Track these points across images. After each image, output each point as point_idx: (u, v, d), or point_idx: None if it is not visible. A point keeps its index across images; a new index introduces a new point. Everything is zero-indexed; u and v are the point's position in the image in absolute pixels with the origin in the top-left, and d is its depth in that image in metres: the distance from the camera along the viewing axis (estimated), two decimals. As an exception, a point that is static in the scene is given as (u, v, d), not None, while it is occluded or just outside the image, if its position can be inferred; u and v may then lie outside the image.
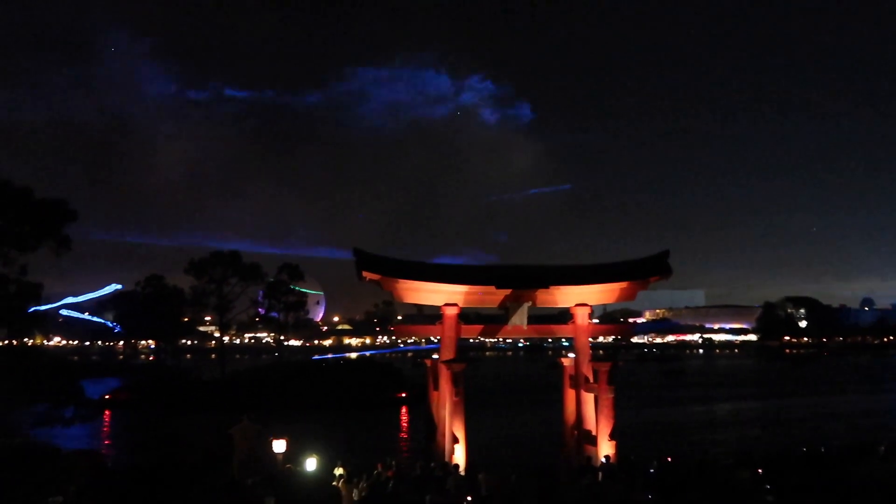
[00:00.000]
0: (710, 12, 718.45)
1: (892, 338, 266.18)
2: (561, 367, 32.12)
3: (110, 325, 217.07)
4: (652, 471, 25.31)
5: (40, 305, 41.81)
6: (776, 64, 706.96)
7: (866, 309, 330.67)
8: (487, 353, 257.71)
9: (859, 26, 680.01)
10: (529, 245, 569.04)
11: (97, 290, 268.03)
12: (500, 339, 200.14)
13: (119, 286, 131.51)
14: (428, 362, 31.20)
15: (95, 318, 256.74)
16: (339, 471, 24.85)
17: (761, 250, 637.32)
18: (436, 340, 30.67)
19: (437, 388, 29.64)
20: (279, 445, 26.01)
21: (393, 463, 26.27)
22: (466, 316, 30.66)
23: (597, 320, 34.48)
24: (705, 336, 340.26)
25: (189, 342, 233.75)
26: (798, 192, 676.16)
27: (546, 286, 29.33)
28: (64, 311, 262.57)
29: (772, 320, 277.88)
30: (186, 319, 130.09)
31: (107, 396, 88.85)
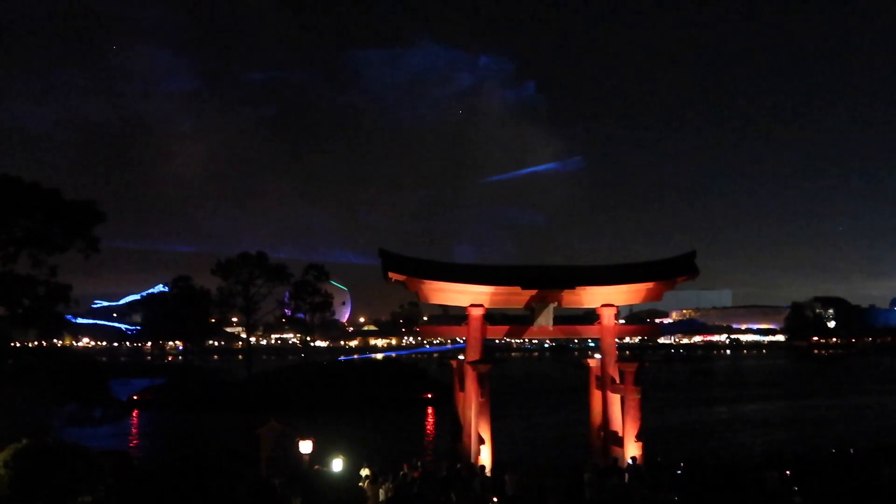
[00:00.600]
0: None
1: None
2: (587, 367, 32.07)
3: (128, 329, 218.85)
4: (679, 472, 25.19)
5: (69, 306, 42.03)
6: (808, 61, 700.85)
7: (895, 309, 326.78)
8: (513, 354, 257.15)
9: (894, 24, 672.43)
10: (552, 244, 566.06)
11: (125, 291, 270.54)
12: (526, 340, 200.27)
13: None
14: (454, 363, 31.23)
15: (113, 324, 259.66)
16: (365, 471, 24.91)
17: (790, 250, 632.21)
18: (461, 341, 30.67)
19: (463, 388, 29.66)
20: (305, 446, 26.09)
21: (419, 463, 26.33)
22: (492, 317, 30.66)
23: (623, 321, 34.38)
24: (733, 337, 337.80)
25: (216, 343, 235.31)
26: (827, 191, 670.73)
27: (572, 287, 29.29)
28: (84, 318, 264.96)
29: (800, 320, 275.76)
30: (213, 320, 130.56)
31: (135, 397, 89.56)
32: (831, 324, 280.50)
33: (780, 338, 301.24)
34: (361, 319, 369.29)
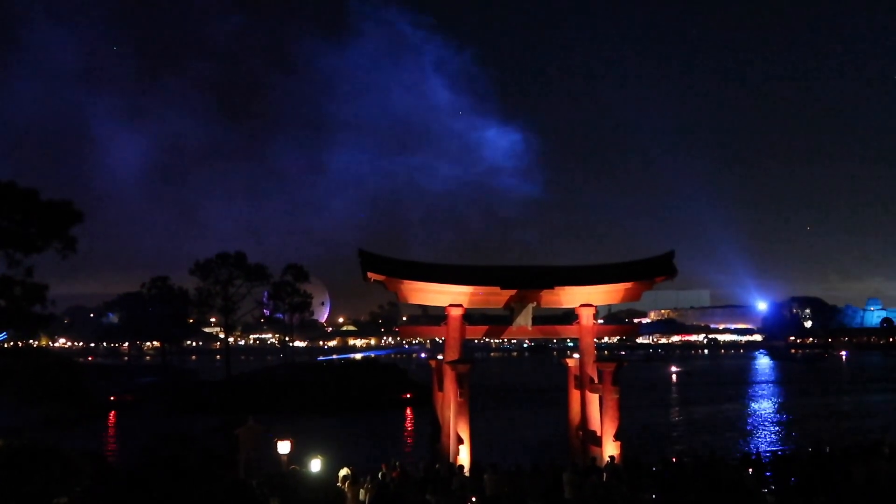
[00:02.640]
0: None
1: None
2: (566, 367, 32.18)
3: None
4: (656, 470, 25.33)
5: (45, 307, 41.71)
6: (776, 57, 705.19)
7: (872, 309, 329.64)
8: (492, 354, 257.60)
9: (858, 22, 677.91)
10: (533, 245, 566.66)
11: (103, 290, 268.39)
12: (505, 340, 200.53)
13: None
14: (433, 363, 31.27)
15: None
16: (343, 471, 24.88)
17: (767, 251, 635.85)
18: (440, 341, 30.72)
19: (441, 388, 29.69)
20: (284, 446, 26.08)
21: (397, 464, 26.30)
22: (471, 317, 30.71)
23: (602, 321, 34.50)
24: (710, 336, 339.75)
25: (194, 343, 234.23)
26: (802, 192, 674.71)
27: (551, 287, 29.38)
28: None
29: (777, 320, 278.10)
30: (191, 321, 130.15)
31: (112, 398, 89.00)
32: (808, 323, 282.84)
33: (758, 337, 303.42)
34: (340, 319, 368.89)
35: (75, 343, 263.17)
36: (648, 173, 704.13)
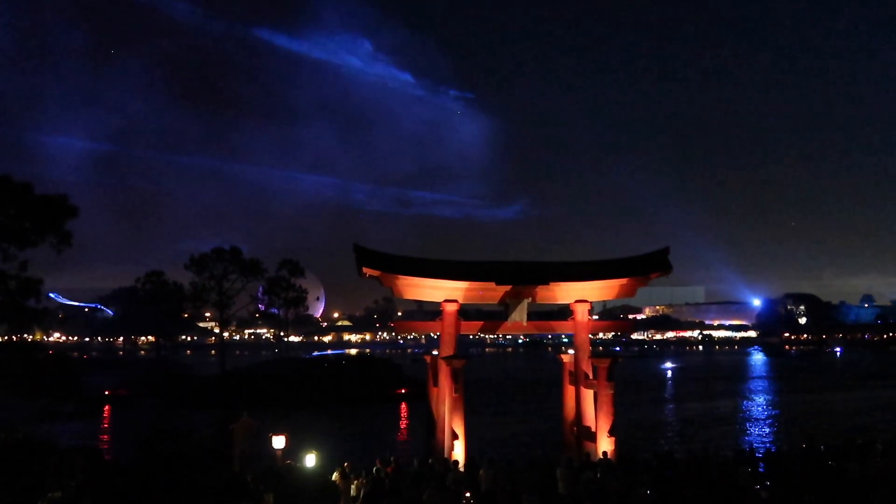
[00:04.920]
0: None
1: (892, 334, 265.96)
2: (560, 363, 32.23)
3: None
4: (651, 466, 25.36)
5: (40, 301, 41.66)
6: (765, 53, 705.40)
7: (866, 305, 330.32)
8: (487, 350, 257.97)
9: (848, 19, 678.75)
10: (527, 241, 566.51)
11: (98, 284, 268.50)
12: (500, 336, 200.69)
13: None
14: (428, 358, 31.29)
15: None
16: (338, 469, 24.91)
17: (761, 247, 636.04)
18: (435, 336, 30.74)
19: (436, 384, 29.70)
20: (279, 441, 26.09)
21: (392, 459, 26.34)
22: (466, 312, 30.73)
23: (597, 316, 34.57)
24: (705, 332, 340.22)
25: (189, 338, 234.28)
26: (797, 188, 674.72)
27: (546, 282, 29.40)
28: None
29: (772, 317, 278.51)
30: (186, 315, 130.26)
31: (107, 392, 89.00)
32: (802, 320, 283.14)
33: (752, 334, 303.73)
34: (335, 315, 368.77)
35: (69, 338, 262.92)
36: (643, 170, 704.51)
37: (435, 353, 30.55)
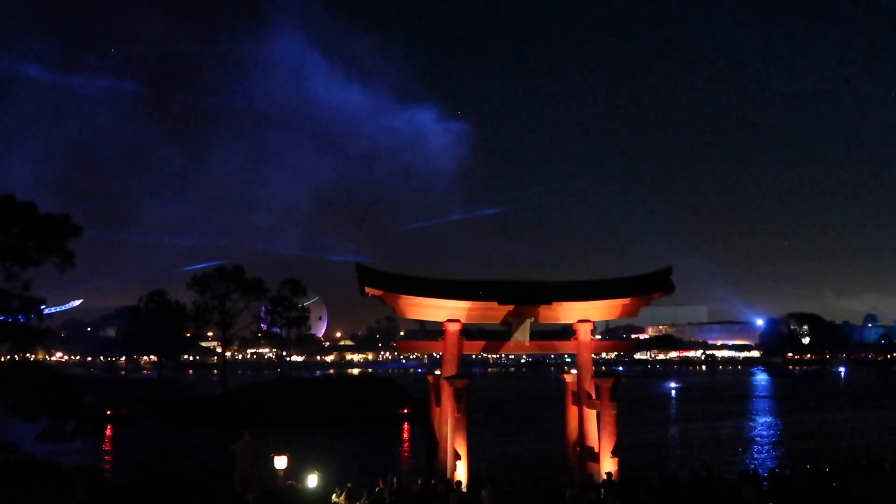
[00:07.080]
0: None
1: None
2: (563, 383, 32.13)
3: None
4: (655, 487, 25.26)
5: (42, 320, 41.66)
6: (773, 64, 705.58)
7: (870, 325, 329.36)
8: (490, 370, 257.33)
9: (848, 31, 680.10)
10: (535, 252, 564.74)
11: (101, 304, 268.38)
12: (503, 356, 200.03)
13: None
14: (430, 378, 31.22)
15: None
16: (339, 490, 24.81)
17: (764, 267, 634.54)
18: (438, 356, 30.70)
19: (439, 404, 29.63)
20: (280, 461, 26.00)
21: (395, 479, 26.24)
22: (469, 332, 30.69)
23: (599, 336, 34.52)
24: (708, 352, 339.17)
25: (191, 357, 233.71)
26: (799, 208, 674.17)
27: (549, 302, 29.38)
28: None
29: (775, 337, 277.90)
30: (189, 335, 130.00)
31: (109, 412, 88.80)
32: (806, 340, 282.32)
33: (756, 354, 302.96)
34: (338, 334, 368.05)
35: (72, 357, 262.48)
36: (647, 189, 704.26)
37: (437, 372, 30.49)
